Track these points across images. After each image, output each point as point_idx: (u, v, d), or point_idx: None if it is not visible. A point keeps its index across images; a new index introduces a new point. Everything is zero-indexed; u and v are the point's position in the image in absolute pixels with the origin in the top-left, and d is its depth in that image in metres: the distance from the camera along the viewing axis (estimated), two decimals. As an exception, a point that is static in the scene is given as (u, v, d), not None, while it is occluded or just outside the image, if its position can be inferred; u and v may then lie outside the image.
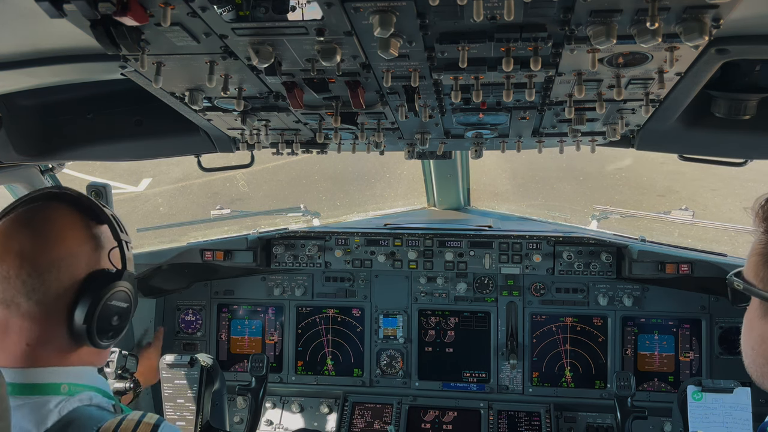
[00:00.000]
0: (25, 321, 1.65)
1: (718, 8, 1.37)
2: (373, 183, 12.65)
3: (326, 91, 2.00)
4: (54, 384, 1.65)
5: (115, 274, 1.76)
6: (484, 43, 1.59)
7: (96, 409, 1.66)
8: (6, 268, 1.63)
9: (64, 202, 1.78)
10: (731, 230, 6.01)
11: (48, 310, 1.65)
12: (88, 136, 2.75)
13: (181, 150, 2.92)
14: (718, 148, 2.55)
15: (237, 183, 12.74)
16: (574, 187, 12.14)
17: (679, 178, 11.98)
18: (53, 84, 2.31)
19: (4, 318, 1.65)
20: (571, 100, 2.02)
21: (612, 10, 1.40)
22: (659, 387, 3.84)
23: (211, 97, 2.14)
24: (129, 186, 12.75)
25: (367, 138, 2.53)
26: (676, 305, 3.85)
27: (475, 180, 4.97)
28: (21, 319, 1.65)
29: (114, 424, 1.59)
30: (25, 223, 1.69)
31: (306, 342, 4.15)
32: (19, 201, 1.79)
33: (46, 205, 1.75)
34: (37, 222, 1.69)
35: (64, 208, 1.76)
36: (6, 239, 1.67)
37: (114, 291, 1.74)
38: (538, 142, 2.63)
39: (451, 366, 4.02)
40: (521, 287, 4.00)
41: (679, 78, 1.86)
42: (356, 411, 3.98)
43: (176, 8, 1.44)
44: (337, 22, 1.49)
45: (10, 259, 1.63)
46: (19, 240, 1.66)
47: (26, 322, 1.65)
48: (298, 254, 4.13)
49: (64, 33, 1.67)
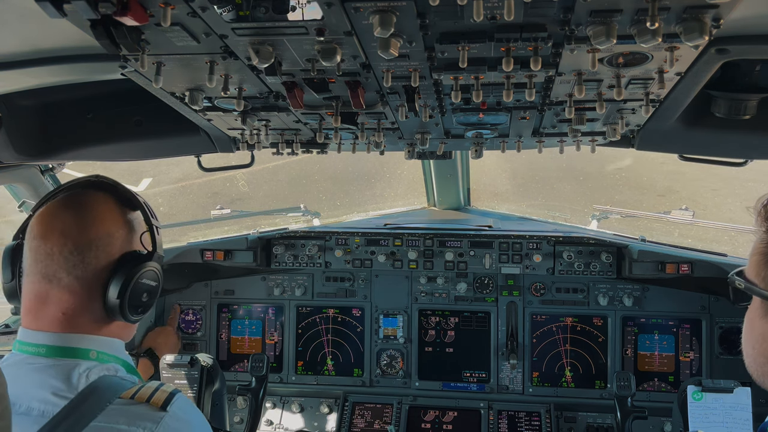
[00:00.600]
0: (64, 293, 1.79)
1: (718, 8, 1.38)
2: (373, 183, 12.65)
3: (326, 91, 2.00)
4: (84, 349, 1.80)
5: (146, 255, 1.94)
6: (484, 43, 1.59)
7: (119, 380, 1.78)
8: (50, 246, 1.79)
9: (101, 189, 1.94)
10: (731, 230, 6.01)
11: (86, 284, 1.80)
12: (88, 136, 2.75)
13: (181, 150, 2.92)
14: (718, 148, 2.55)
15: (237, 183, 12.75)
16: (574, 187, 12.14)
17: (679, 178, 11.98)
18: (53, 84, 2.31)
19: (45, 291, 1.80)
20: (571, 100, 2.02)
21: (612, 10, 1.40)
22: (659, 387, 3.84)
23: (211, 97, 2.14)
24: (129, 186, 12.72)
25: (367, 138, 2.54)
26: (676, 305, 3.85)
27: (475, 180, 4.97)
28: (61, 292, 1.79)
29: (133, 391, 1.71)
30: (67, 205, 1.85)
31: (306, 342, 4.15)
32: (60, 188, 1.96)
33: (85, 192, 1.91)
34: (78, 205, 1.86)
35: (101, 194, 1.92)
36: (51, 219, 1.83)
37: (145, 270, 1.90)
38: (538, 142, 2.63)
39: (451, 366, 4.01)
40: (521, 287, 3.99)
41: (679, 78, 1.86)
42: (356, 411, 3.98)
43: (176, 8, 1.44)
44: (337, 22, 1.49)
45: (55, 237, 1.79)
46: (63, 220, 1.82)
47: (65, 294, 1.79)
48: (298, 254, 4.13)
49: (64, 33, 1.68)
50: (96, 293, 1.83)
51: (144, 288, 1.92)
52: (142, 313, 1.95)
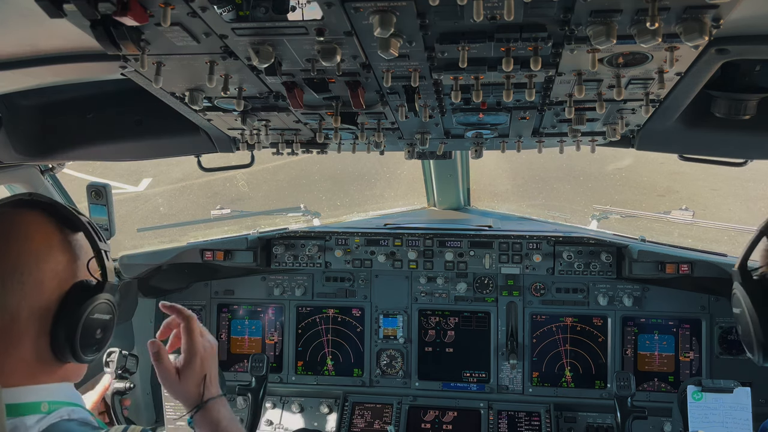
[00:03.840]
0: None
1: (718, 8, 1.37)
2: (373, 183, 12.64)
3: (326, 91, 2.00)
4: (34, 403, 1.52)
5: (96, 287, 1.65)
6: (484, 43, 1.59)
7: (77, 424, 1.55)
8: None
9: (34, 208, 1.65)
10: (731, 230, 6.02)
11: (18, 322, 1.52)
12: (88, 136, 2.75)
13: (181, 150, 2.92)
14: (718, 148, 2.55)
15: (237, 183, 12.75)
16: (574, 187, 12.14)
17: (679, 178, 11.97)
18: (53, 84, 2.31)
19: None
20: (571, 100, 2.02)
21: (612, 10, 1.40)
22: (659, 387, 3.84)
23: (211, 97, 2.14)
24: (129, 186, 12.75)
25: (367, 138, 2.54)
26: (676, 305, 3.85)
27: (475, 180, 4.97)
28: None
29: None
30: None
31: (306, 342, 4.15)
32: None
33: (15, 211, 1.62)
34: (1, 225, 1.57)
35: (34, 213, 1.64)
36: None
37: (96, 304, 1.63)
38: (538, 142, 2.63)
39: (451, 366, 4.01)
40: (521, 287, 3.99)
41: (679, 78, 1.86)
42: (356, 411, 3.98)
43: (176, 8, 1.44)
44: (337, 22, 1.49)
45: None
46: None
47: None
48: (298, 254, 4.13)
49: (64, 33, 1.67)
50: (35, 333, 1.54)
51: (97, 324, 1.64)
52: (97, 351, 1.68)
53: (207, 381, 2.11)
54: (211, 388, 2.12)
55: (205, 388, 2.10)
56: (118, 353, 3.15)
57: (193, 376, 2.09)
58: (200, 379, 2.09)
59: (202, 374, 2.10)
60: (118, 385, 3.14)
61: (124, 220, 10.50)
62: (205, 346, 2.15)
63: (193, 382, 2.09)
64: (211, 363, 2.16)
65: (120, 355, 3.16)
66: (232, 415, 2.16)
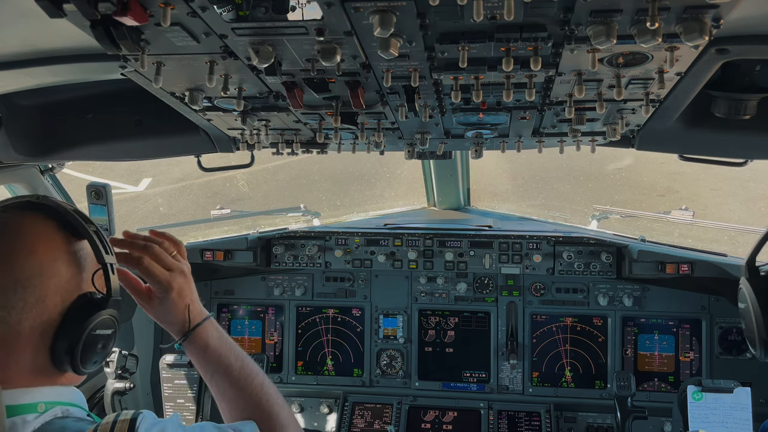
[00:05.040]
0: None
1: (718, 8, 1.37)
2: (373, 183, 12.64)
3: (326, 91, 2.00)
4: (30, 404, 1.51)
5: (100, 301, 1.60)
6: (484, 43, 1.59)
7: (72, 420, 1.54)
8: None
9: (41, 212, 1.59)
10: (731, 230, 6.02)
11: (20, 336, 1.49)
12: (88, 136, 2.75)
13: (181, 150, 2.92)
14: (718, 148, 2.55)
15: (237, 183, 12.74)
16: (574, 187, 12.13)
17: (679, 178, 11.96)
18: (53, 84, 2.31)
19: None
20: (571, 100, 2.02)
21: (612, 10, 1.40)
22: (659, 387, 3.84)
23: (211, 97, 2.14)
24: (129, 186, 12.73)
25: (367, 138, 2.53)
26: (676, 305, 3.85)
27: (475, 180, 4.97)
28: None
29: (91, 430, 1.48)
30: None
31: (306, 342, 4.15)
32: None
33: (23, 213, 1.57)
34: (4, 232, 1.52)
35: (40, 217, 1.58)
36: None
37: (99, 320, 1.59)
38: (538, 142, 2.63)
39: (451, 366, 4.01)
40: (521, 287, 3.99)
41: (679, 78, 1.86)
42: (356, 411, 3.98)
43: (176, 8, 1.44)
44: (337, 22, 1.49)
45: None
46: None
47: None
48: (298, 254, 4.13)
49: (64, 33, 1.67)
50: (36, 346, 1.52)
51: (99, 339, 1.60)
52: (97, 364, 1.66)
53: (190, 310, 1.92)
54: (195, 315, 1.93)
55: (190, 316, 1.92)
56: (118, 353, 3.15)
57: (173, 312, 1.91)
58: (183, 311, 1.91)
59: (183, 305, 1.91)
60: (118, 385, 3.15)
61: (124, 220, 10.49)
62: (175, 278, 1.90)
63: (176, 318, 1.92)
64: (189, 289, 1.95)
65: (120, 355, 3.16)
66: (221, 333, 2.02)
